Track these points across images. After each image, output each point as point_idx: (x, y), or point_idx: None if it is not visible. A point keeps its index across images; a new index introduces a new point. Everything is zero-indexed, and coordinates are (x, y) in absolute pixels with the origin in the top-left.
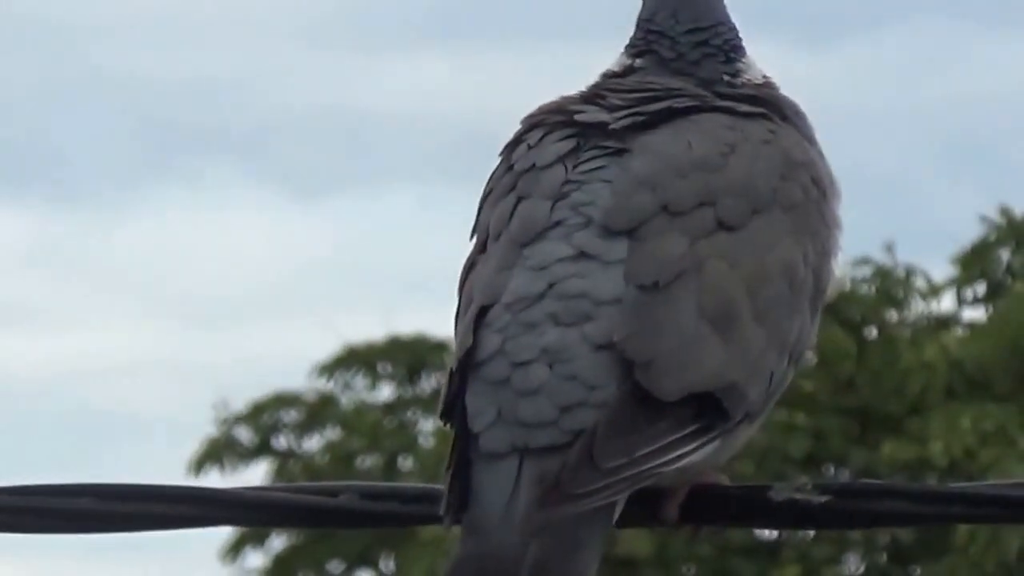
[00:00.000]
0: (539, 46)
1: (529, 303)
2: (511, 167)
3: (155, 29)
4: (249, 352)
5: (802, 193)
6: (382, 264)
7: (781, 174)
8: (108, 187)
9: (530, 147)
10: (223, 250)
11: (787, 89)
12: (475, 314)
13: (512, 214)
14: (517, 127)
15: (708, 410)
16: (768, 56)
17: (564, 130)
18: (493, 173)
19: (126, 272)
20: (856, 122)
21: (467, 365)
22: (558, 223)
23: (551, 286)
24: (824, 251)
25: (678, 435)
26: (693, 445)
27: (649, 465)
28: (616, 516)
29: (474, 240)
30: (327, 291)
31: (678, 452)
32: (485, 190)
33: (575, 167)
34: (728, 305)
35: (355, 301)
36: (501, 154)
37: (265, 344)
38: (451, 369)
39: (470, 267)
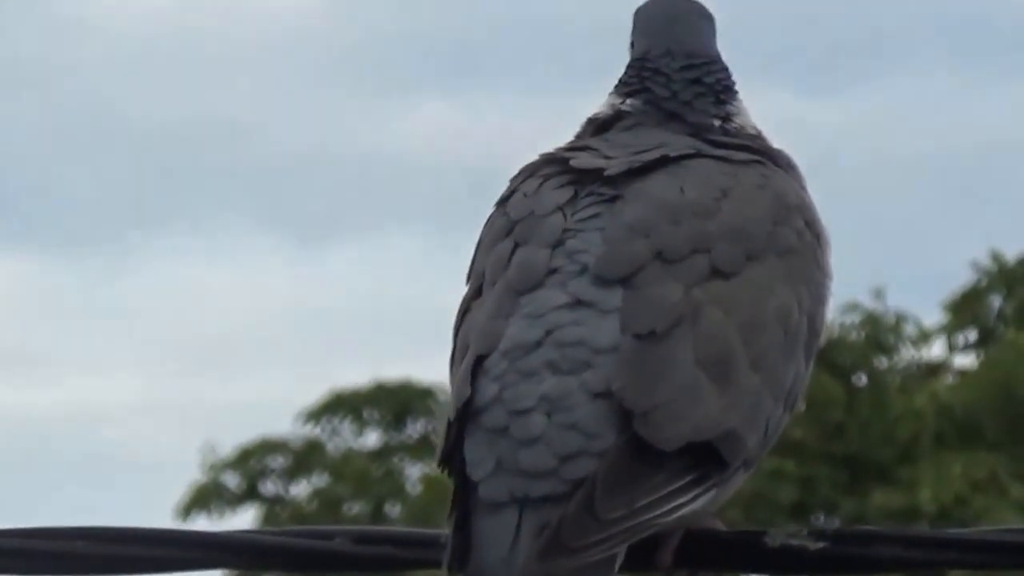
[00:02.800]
0: (548, 89)
1: (527, 351)
2: (507, 214)
3: (160, 73)
4: (237, 397)
5: (796, 238)
6: (376, 310)
7: (775, 219)
8: (113, 232)
9: (526, 195)
10: (221, 295)
11: (785, 135)
12: (472, 362)
13: (509, 260)
14: (507, 183)
15: (707, 459)
16: (768, 103)
17: (561, 177)
18: (487, 220)
19: (124, 318)
20: (849, 168)
21: (465, 413)
22: (555, 271)
23: (548, 334)
24: (819, 296)
25: (677, 485)
26: (692, 494)
27: (649, 516)
28: (617, 566)
29: (468, 285)
30: (319, 336)
31: (678, 502)
32: (480, 236)
33: (573, 215)
34: (724, 353)
35: (346, 347)
36: (495, 205)
37: (252, 389)
38: (449, 418)
39: (465, 312)
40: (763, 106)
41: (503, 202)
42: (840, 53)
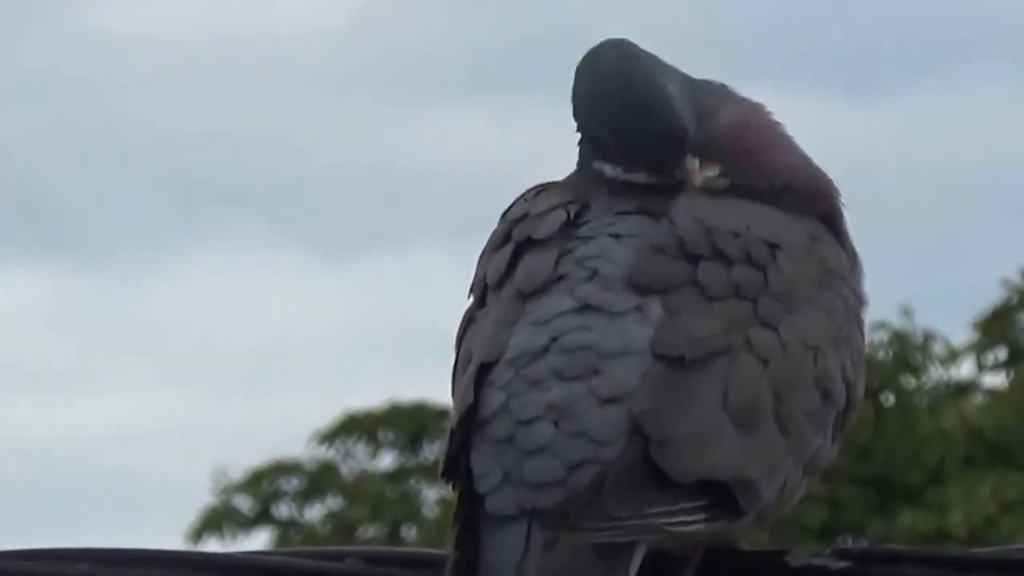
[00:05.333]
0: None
1: (533, 358)
2: (505, 219)
3: (179, 82)
4: (249, 418)
5: (842, 302)
6: (392, 328)
7: (820, 282)
8: (131, 246)
9: (526, 200)
10: (237, 313)
11: (822, 141)
12: (476, 371)
13: (511, 264)
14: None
15: (720, 500)
16: (814, 110)
17: (567, 195)
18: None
19: (139, 336)
20: (884, 178)
21: (469, 423)
22: (562, 277)
23: (554, 340)
24: (860, 364)
25: (687, 506)
26: (702, 517)
27: (656, 521)
28: (632, 572)
29: (471, 295)
30: (334, 356)
31: (687, 518)
32: (482, 249)
33: (583, 220)
34: (754, 405)
35: (360, 367)
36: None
37: (265, 410)
38: (451, 428)
39: (468, 322)
40: (800, 111)
41: (504, 213)
42: (882, 58)
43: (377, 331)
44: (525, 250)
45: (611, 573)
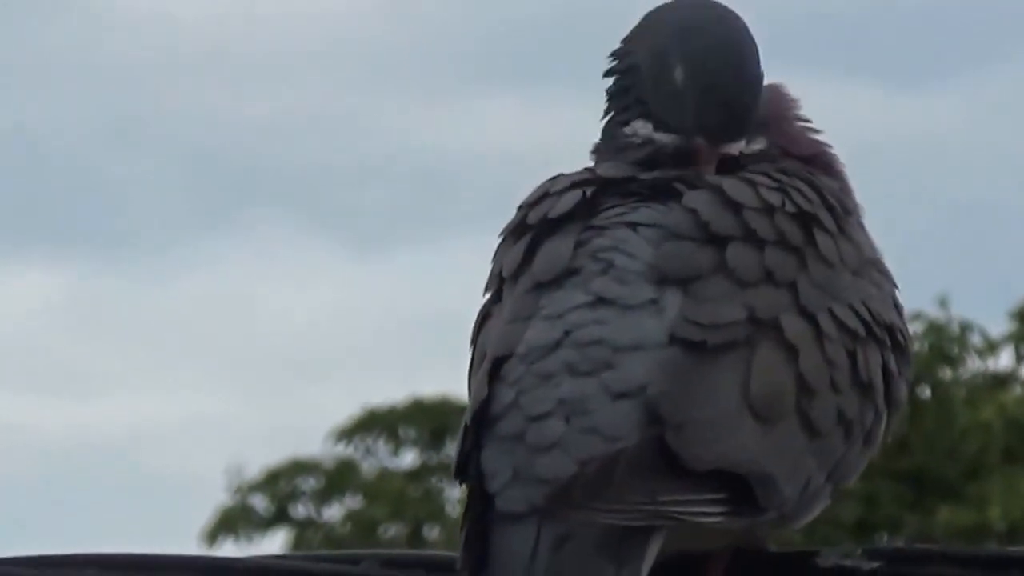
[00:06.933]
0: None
1: (544, 353)
2: (519, 207)
3: (206, 71)
4: (266, 414)
5: (876, 288)
6: (414, 321)
7: (855, 268)
8: (156, 240)
9: (547, 193)
10: (264, 308)
11: (864, 128)
12: (489, 367)
13: (529, 256)
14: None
15: (739, 495)
16: (863, 98)
17: (585, 175)
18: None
19: (158, 333)
20: (922, 165)
21: (481, 420)
22: (576, 270)
23: (567, 334)
24: (904, 355)
25: (705, 497)
26: (719, 510)
27: (670, 509)
28: (645, 566)
29: (487, 291)
30: (354, 349)
31: (702, 510)
32: (499, 242)
33: (600, 205)
34: (776, 397)
35: (381, 361)
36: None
37: (282, 406)
38: (464, 424)
39: (483, 318)
40: (844, 100)
41: (521, 205)
42: (925, 45)
43: (401, 325)
44: (543, 236)
45: (623, 570)
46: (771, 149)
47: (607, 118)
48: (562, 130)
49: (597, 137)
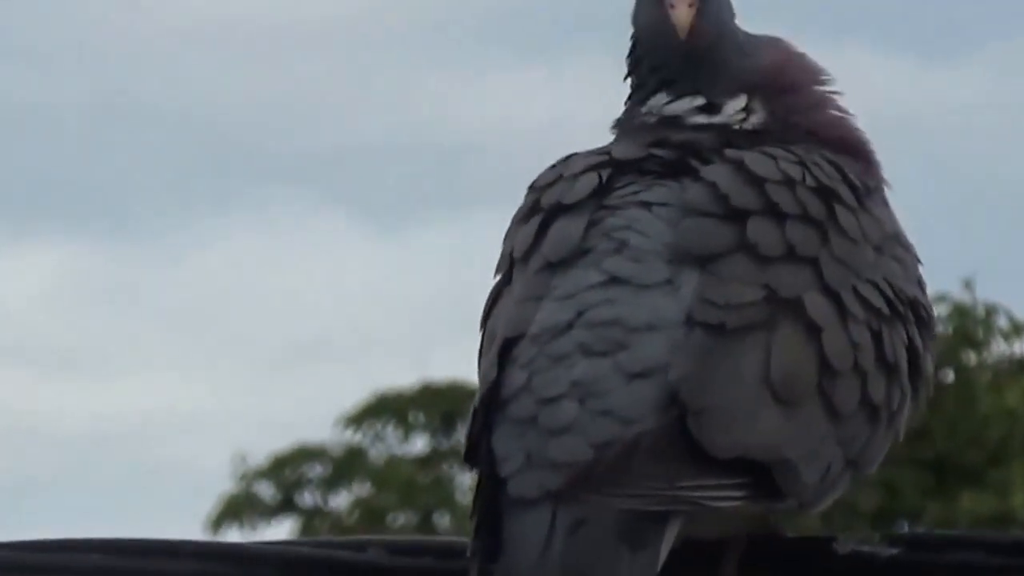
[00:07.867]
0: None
1: (557, 334)
2: (532, 188)
3: (219, 47)
4: (272, 400)
5: (899, 264)
6: (424, 304)
7: (877, 244)
8: (167, 219)
9: (554, 167)
10: (276, 289)
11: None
12: (500, 348)
13: (538, 235)
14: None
15: (759, 481)
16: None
17: (599, 157)
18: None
19: (167, 317)
20: (945, 143)
21: (492, 403)
22: (589, 250)
23: (580, 315)
24: (931, 341)
25: (724, 482)
26: (738, 494)
27: (690, 495)
28: (659, 564)
29: (497, 273)
30: (363, 333)
31: (721, 494)
32: (509, 224)
33: (615, 186)
34: (797, 379)
35: (390, 345)
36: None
37: (288, 391)
38: (474, 407)
39: (494, 300)
40: (875, 71)
41: (532, 185)
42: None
43: (413, 307)
44: (554, 218)
45: (639, 555)
46: (774, 122)
47: (629, 94)
48: (585, 107)
49: (620, 112)
